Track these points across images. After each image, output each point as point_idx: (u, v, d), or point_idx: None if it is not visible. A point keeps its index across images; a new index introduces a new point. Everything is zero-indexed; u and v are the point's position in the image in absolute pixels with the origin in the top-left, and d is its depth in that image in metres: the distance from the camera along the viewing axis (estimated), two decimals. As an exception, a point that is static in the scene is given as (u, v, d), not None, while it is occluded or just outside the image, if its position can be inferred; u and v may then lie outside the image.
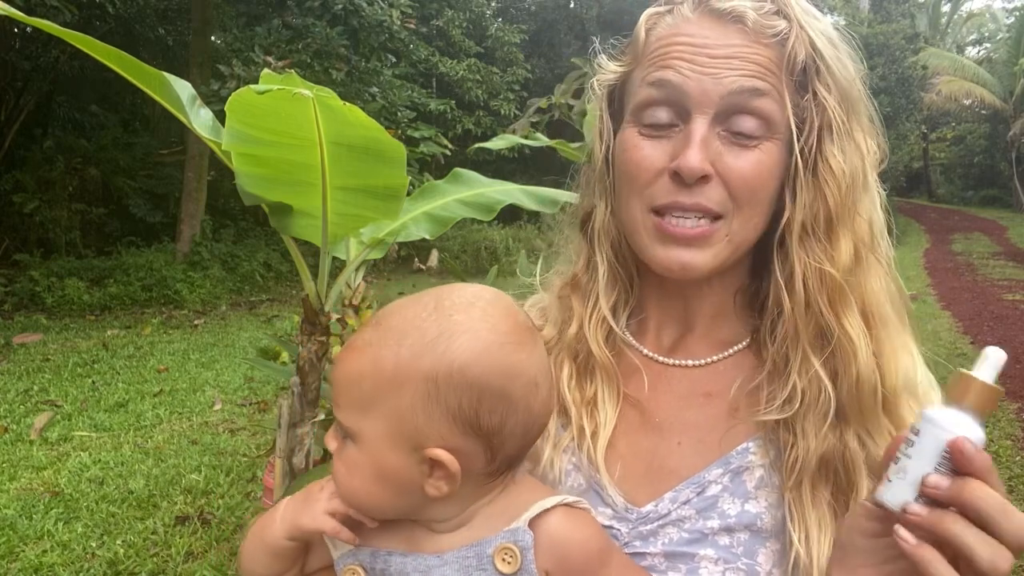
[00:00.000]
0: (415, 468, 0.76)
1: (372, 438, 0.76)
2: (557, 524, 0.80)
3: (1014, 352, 7.78)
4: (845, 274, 0.86)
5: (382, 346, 0.76)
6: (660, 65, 0.88)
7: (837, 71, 0.88)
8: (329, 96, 2.09)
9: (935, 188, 37.52)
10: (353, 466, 0.78)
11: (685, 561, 0.86)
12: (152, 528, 4.17)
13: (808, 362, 0.87)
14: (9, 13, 2.03)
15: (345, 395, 0.78)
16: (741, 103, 0.85)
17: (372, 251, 3.04)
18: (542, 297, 1.08)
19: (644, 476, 0.91)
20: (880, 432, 0.85)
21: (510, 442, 0.78)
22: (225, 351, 8.51)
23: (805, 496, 0.84)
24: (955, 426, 0.65)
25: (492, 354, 0.75)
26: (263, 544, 0.83)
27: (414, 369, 0.74)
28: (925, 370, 0.91)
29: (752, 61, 0.85)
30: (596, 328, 0.97)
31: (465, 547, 0.79)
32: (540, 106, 12.53)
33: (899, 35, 24.91)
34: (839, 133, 0.87)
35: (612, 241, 0.98)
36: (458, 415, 0.75)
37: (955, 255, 17.00)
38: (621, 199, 0.93)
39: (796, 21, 0.87)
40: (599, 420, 0.94)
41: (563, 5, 24.51)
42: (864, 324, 0.86)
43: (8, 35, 12.81)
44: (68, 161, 12.81)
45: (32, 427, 5.73)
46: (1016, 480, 4.78)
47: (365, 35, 13.18)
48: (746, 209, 0.88)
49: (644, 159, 0.88)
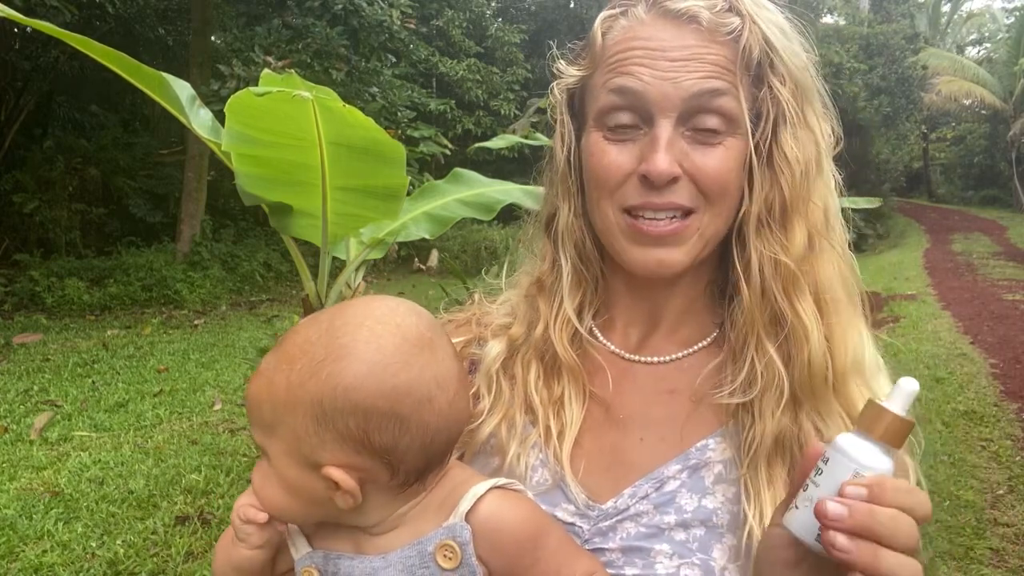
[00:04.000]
0: (318, 484, 0.79)
1: (276, 456, 0.80)
2: (489, 511, 0.81)
3: (1014, 352, 7.77)
4: (799, 262, 0.88)
5: (276, 371, 0.80)
6: (619, 71, 0.89)
7: (790, 62, 0.89)
8: (329, 97, 2.09)
9: (935, 188, 37.50)
10: (265, 479, 0.82)
11: (641, 556, 0.87)
12: (152, 528, 4.17)
13: (763, 347, 0.89)
14: (8, 15, 2.03)
15: (252, 416, 0.82)
16: (702, 104, 0.86)
17: (372, 251, 3.05)
18: (511, 295, 1.09)
19: (607, 472, 0.93)
20: (831, 414, 0.87)
21: (409, 457, 0.79)
22: (225, 351, 8.51)
23: (761, 476, 0.86)
24: (861, 456, 0.65)
25: (376, 376, 0.77)
26: (229, 560, 0.87)
27: (303, 393, 0.77)
28: (874, 352, 0.93)
29: (709, 61, 0.86)
30: (561, 329, 0.98)
31: (406, 547, 0.81)
32: (540, 106, 12.51)
33: (899, 35, 24.92)
34: (793, 123, 0.89)
35: (576, 242, 1.00)
36: (347, 436, 0.77)
37: (955, 255, 17.00)
38: (592, 202, 0.95)
39: (748, 16, 0.88)
40: (565, 420, 0.95)
41: (563, 5, 24.51)
42: (816, 308, 0.88)
43: (8, 35, 12.81)
44: (68, 161, 12.81)
45: (32, 427, 5.73)
46: (1016, 480, 4.78)
47: (365, 35, 13.18)
48: (716, 204, 0.89)
49: (612, 163, 0.90)
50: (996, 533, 4.11)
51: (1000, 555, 3.90)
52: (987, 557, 3.86)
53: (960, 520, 4.22)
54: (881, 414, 0.65)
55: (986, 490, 4.65)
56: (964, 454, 5.18)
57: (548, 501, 0.92)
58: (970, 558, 3.84)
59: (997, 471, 4.93)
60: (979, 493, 4.59)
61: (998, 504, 4.46)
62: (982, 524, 4.19)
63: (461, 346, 1.05)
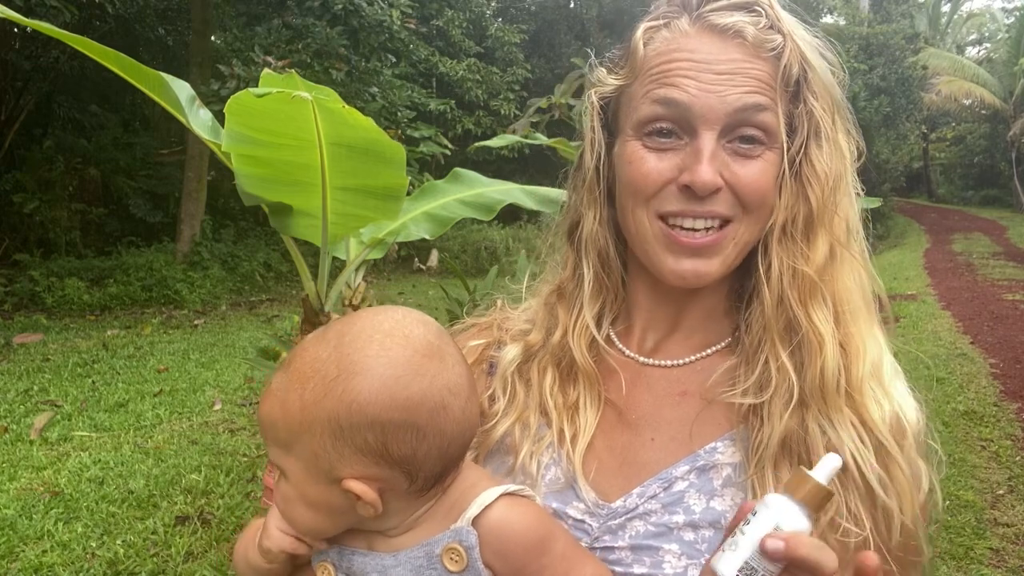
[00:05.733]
0: (339, 497, 0.81)
1: (295, 474, 0.82)
2: (497, 518, 0.82)
3: (1014, 352, 7.77)
4: (819, 272, 0.91)
5: (289, 391, 0.81)
6: (663, 82, 0.90)
7: (825, 81, 0.93)
8: (329, 97, 2.09)
9: (935, 188, 37.50)
10: (287, 498, 0.83)
11: (650, 554, 0.88)
12: (152, 528, 4.17)
13: (776, 351, 0.91)
14: (8, 15, 2.03)
15: (268, 437, 0.83)
16: (745, 118, 0.89)
17: (372, 251, 3.05)
18: (532, 303, 1.10)
19: (617, 471, 0.95)
20: (842, 420, 0.88)
21: (428, 464, 0.81)
22: (225, 351, 8.51)
23: (768, 478, 0.88)
24: (783, 514, 0.73)
25: (389, 389, 0.78)
26: (249, 565, 0.89)
27: (318, 412, 0.78)
28: (891, 359, 0.95)
29: (753, 77, 0.89)
30: (580, 336, 1.00)
31: (415, 547, 0.83)
32: (540, 106, 12.50)
33: (899, 35, 24.90)
34: (826, 139, 0.92)
35: (600, 250, 1.01)
36: (366, 450, 0.78)
37: (955, 255, 16.99)
38: (624, 210, 0.96)
39: (789, 36, 0.91)
40: (579, 424, 0.97)
41: (563, 5, 24.51)
42: (835, 319, 0.91)
43: (8, 35, 12.80)
44: (68, 161, 12.80)
45: (32, 427, 5.73)
46: (1016, 480, 4.78)
47: (365, 35, 13.19)
48: (753, 214, 0.92)
49: (651, 171, 0.91)
50: (996, 533, 4.11)
51: (1000, 555, 3.90)
52: (987, 557, 3.86)
53: (960, 520, 4.22)
54: (805, 480, 0.73)
55: (986, 490, 4.65)
56: (964, 454, 5.18)
57: (559, 499, 0.93)
58: (970, 558, 3.84)
59: (997, 471, 4.93)
60: (979, 493, 4.59)
61: (998, 504, 4.46)
62: (982, 524, 4.19)
63: (481, 348, 1.07)
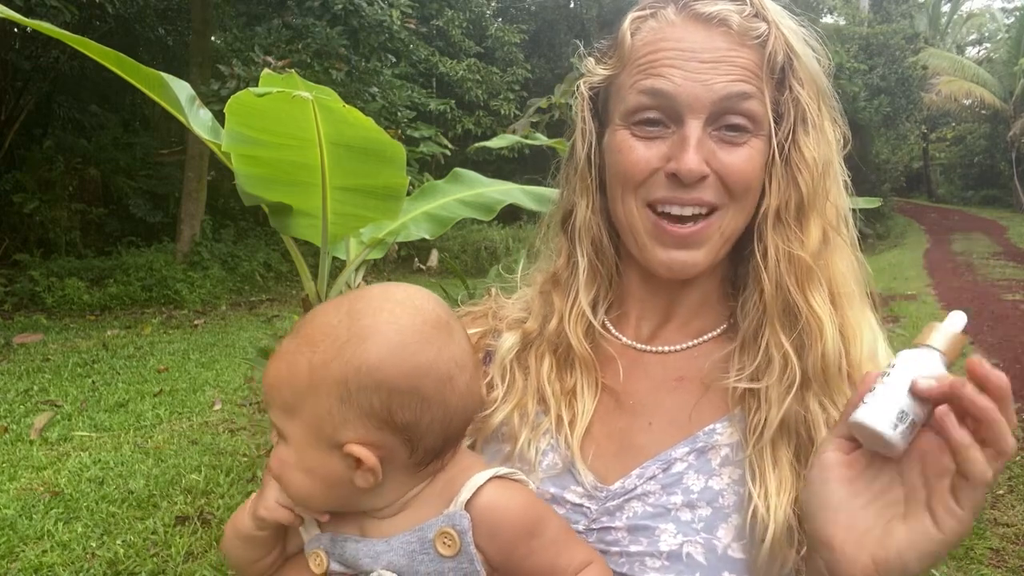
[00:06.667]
0: (339, 463, 0.81)
1: (296, 437, 0.83)
2: (487, 500, 0.83)
3: (1014, 352, 7.77)
4: (814, 256, 0.92)
5: (298, 353, 0.82)
6: (650, 72, 0.91)
7: (810, 66, 0.94)
8: (329, 97, 2.09)
9: (935, 188, 37.52)
10: (285, 463, 0.84)
11: (647, 535, 0.89)
12: (152, 528, 4.17)
13: (776, 336, 0.92)
14: (8, 15, 2.03)
15: (272, 398, 0.84)
16: (731, 106, 0.89)
17: (372, 251, 3.04)
18: (526, 292, 1.11)
19: (615, 456, 0.95)
20: (843, 400, 0.89)
21: (429, 435, 0.82)
22: (225, 351, 8.51)
23: (767, 457, 0.88)
24: (926, 360, 0.70)
25: (398, 355, 0.80)
26: (237, 534, 0.91)
27: (327, 374, 0.80)
28: (884, 344, 0.96)
29: (738, 65, 0.89)
30: (576, 323, 1.01)
31: (407, 532, 0.83)
32: (540, 106, 12.49)
33: (899, 35, 24.90)
34: (812, 125, 0.93)
35: (593, 238, 1.02)
36: (371, 414, 0.80)
37: (955, 255, 17.00)
38: (614, 198, 0.97)
39: (773, 23, 0.92)
40: (577, 410, 0.98)
41: (563, 5, 24.51)
42: (831, 302, 0.92)
43: (8, 35, 12.80)
44: (68, 161, 12.80)
45: (32, 427, 5.72)
46: (1016, 480, 4.77)
47: (365, 35, 13.19)
48: (739, 201, 0.93)
49: (640, 159, 0.92)
50: (996, 533, 4.11)
51: (1000, 555, 3.90)
52: (987, 557, 3.86)
53: (960, 520, 4.22)
54: (939, 331, 0.72)
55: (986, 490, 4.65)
56: (964, 454, 5.18)
57: (557, 484, 0.94)
58: (970, 558, 3.84)
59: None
60: (979, 493, 4.59)
61: (998, 504, 4.46)
62: (982, 524, 4.18)
63: (477, 337, 1.07)
